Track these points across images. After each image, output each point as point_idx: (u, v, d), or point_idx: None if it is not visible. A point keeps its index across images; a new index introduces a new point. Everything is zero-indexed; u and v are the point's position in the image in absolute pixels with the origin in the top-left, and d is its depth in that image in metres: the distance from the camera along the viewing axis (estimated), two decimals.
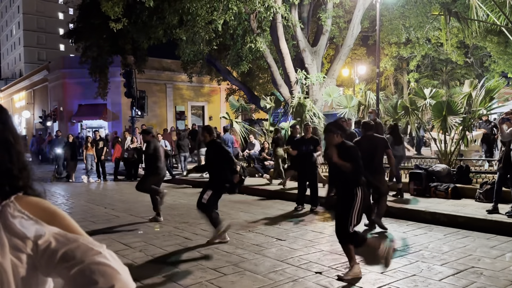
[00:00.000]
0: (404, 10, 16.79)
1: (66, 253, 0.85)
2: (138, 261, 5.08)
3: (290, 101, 14.49)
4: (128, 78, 17.02)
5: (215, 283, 4.25)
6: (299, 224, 7.11)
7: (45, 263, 0.87)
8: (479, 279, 4.27)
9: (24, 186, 0.97)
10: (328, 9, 14.98)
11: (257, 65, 19.20)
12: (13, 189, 0.94)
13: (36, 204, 0.94)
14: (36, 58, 67.48)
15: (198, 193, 6.05)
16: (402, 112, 11.52)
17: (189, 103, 30.49)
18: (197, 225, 7.08)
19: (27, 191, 0.97)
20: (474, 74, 26.04)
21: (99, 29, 17.51)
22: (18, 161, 0.98)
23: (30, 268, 0.89)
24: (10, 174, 0.95)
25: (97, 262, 0.83)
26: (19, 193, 0.95)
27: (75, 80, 26.93)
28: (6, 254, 0.87)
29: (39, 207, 0.93)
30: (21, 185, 0.96)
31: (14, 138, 0.99)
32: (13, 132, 1.00)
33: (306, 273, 4.52)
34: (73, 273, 0.82)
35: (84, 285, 0.81)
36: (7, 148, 0.97)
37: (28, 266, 0.88)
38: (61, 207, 9.29)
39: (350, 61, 26.50)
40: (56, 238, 0.87)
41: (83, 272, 0.82)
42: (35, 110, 33.95)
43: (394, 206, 7.72)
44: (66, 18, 68.18)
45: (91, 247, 0.85)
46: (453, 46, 21.15)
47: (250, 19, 14.32)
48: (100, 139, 14.96)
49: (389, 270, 4.58)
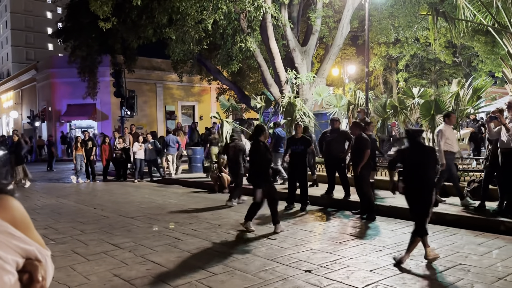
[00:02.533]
0: (393, 10, 16.91)
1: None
2: (127, 261, 5.05)
3: (280, 100, 14.52)
4: (118, 77, 16.91)
5: (205, 283, 4.25)
6: (289, 223, 7.13)
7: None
8: (466, 276, 4.33)
9: None
10: (317, 9, 15.03)
11: (248, 65, 19.20)
12: None
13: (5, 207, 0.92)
14: (24, 57, 66.71)
15: (189, 193, 6.04)
16: (391, 111, 11.62)
17: (180, 102, 30.37)
18: (187, 225, 7.07)
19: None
20: (462, 73, 26.31)
21: (88, 28, 17.38)
22: None
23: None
24: None
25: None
26: None
27: (63, 80, 26.67)
28: None
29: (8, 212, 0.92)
30: None
31: None
32: None
33: (296, 272, 4.54)
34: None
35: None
36: None
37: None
38: (49, 208, 9.21)
39: (340, 61, 26.61)
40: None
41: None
42: (23, 110, 33.55)
43: (383, 205, 7.79)
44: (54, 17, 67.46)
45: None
46: (441, 46, 21.35)
47: (240, 18, 14.32)
48: (89, 139, 14.86)
49: (378, 268, 4.62)
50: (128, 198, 10.32)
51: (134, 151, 14.09)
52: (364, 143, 7.30)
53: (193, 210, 8.58)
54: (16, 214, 0.94)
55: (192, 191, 11.46)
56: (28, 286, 0.92)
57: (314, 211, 8.25)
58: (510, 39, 10.52)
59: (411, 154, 4.96)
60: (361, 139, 7.33)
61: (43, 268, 0.95)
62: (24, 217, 0.97)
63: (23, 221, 0.95)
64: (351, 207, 8.11)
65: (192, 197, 10.38)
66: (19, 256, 0.91)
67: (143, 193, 11.31)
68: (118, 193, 11.51)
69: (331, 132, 8.93)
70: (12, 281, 0.88)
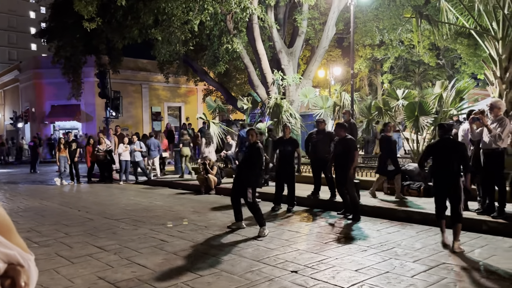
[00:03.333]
0: (378, 13, 17.11)
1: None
2: (112, 264, 5.01)
3: (267, 101, 14.55)
4: (102, 78, 16.74)
5: (191, 285, 4.24)
6: (276, 223, 7.15)
7: None
8: (449, 275, 4.40)
9: None
10: (303, 11, 15.12)
11: (234, 66, 19.21)
12: None
13: None
14: (6, 57, 65.54)
15: (175, 194, 6.01)
16: (376, 112, 11.73)
17: (166, 103, 30.21)
18: (173, 227, 7.03)
19: None
20: (446, 75, 26.74)
21: (72, 28, 17.15)
22: None
23: None
24: None
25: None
26: None
27: (47, 81, 26.32)
28: None
29: None
30: None
31: None
32: None
33: (282, 272, 4.56)
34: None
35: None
36: None
37: None
38: (33, 210, 9.07)
39: (325, 63, 26.81)
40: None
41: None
42: (6, 111, 32.98)
43: (368, 205, 7.86)
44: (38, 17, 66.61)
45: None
46: (425, 48, 21.67)
47: (227, 19, 14.32)
48: (73, 141, 14.66)
49: (363, 267, 4.66)
50: (113, 200, 10.22)
51: (119, 153, 13.97)
52: (351, 145, 7.36)
53: (179, 211, 8.54)
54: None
55: (179, 192, 11.41)
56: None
57: (300, 211, 8.28)
58: (491, 42, 10.75)
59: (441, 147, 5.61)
60: (347, 141, 7.37)
61: (25, 273, 0.93)
62: (5, 220, 0.94)
63: (3, 225, 0.93)
64: (336, 207, 8.17)
65: (178, 198, 10.33)
66: (1, 261, 0.89)
67: (129, 195, 11.21)
68: (103, 195, 11.39)
69: (317, 133, 8.99)
70: None
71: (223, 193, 10.72)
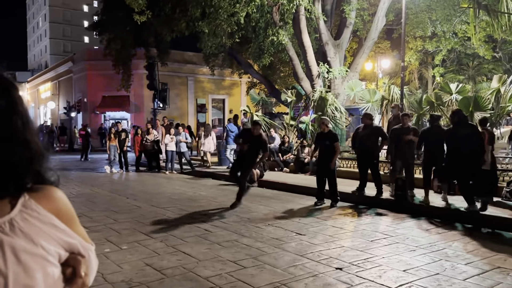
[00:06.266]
0: (431, 3, 16.38)
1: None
2: (159, 251, 5.13)
3: (311, 95, 14.36)
4: (151, 70, 17.17)
5: (235, 276, 4.26)
6: (319, 219, 7.05)
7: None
8: (505, 280, 4.15)
9: (36, 177, 0.90)
10: (352, 2, 14.73)
11: (279, 58, 19.08)
12: (19, 187, 0.86)
13: (48, 199, 0.91)
14: (61, 50, 68.88)
15: (218, 185, 6.06)
16: (427, 107, 11.28)
17: (210, 96, 30.60)
18: (217, 218, 7.11)
19: (39, 181, 0.91)
20: (502, 69, 25.23)
21: (123, 21, 17.71)
22: (28, 151, 0.86)
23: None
24: (14, 169, 0.84)
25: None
26: (27, 185, 0.87)
27: (99, 72, 27.35)
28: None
29: (52, 204, 0.91)
30: (27, 181, 0.88)
31: (23, 124, 0.86)
32: (23, 116, 0.87)
33: (327, 269, 4.48)
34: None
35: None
36: (12, 136, 0.84)
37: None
38: (84, 196, 9.48)
39: (373, 55, 26.06)
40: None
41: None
42: (60, 101, 34.67)
43: (419, 204, 7.59)
44: (91, 10, 69.38)
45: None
46: (480, 40, 20.51)
47: (273, 11, 14.22)
48: (123, 130, 15.18)
49: (411, 268, 4.50)
50: (160, 189, 10.49)
51: (165, 143, 14.30)
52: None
53: (223, 202, 8.62)
54: (60, 206, 0.93)
55: (222, 183, 11.55)
56: (70, 280, 0.91)
57: (344, 207, 8.13)
58: None
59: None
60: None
61: (85, 263, 0.94)
62: (68, 209, 0.95)
63: (67, 213, 0.94)
64: (383, 205, 7.94)
65: (221, 189, 10.44)
66: (62, 248, 0.90)
67: (174, 184, 11.47)
68: (150, 183, 11.73)
69: (363, 128, 8.76)
70: (55, 273, 0.87)
71: (265, 186, 10.73)
